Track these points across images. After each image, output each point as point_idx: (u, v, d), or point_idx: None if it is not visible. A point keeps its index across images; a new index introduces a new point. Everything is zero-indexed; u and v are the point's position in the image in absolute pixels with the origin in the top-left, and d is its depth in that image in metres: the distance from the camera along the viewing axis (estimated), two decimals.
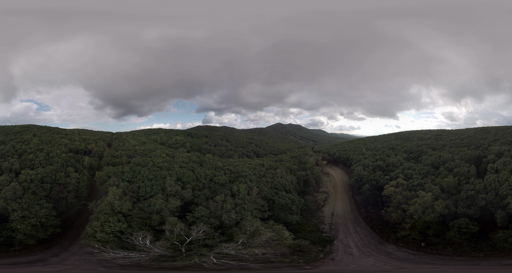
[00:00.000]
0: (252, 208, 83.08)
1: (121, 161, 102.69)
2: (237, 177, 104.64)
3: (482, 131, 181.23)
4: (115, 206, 63.38)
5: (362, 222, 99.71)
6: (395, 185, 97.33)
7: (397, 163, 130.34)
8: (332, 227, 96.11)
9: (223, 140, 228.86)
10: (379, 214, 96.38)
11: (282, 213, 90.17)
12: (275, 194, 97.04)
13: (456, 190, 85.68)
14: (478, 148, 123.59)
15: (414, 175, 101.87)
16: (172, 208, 69.79)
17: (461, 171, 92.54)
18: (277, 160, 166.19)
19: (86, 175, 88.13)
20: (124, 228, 56.98)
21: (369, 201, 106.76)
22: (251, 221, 71.16)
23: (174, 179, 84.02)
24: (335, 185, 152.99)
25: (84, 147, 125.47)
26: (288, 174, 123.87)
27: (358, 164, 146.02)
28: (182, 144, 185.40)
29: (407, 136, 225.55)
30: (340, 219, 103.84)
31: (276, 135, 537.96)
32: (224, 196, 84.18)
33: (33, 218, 59.24)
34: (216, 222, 72.30)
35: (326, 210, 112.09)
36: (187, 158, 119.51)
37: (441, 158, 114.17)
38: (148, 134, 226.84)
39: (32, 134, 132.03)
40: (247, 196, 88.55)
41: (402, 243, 79.23)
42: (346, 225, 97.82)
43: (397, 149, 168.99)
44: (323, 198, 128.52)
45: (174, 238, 56.10)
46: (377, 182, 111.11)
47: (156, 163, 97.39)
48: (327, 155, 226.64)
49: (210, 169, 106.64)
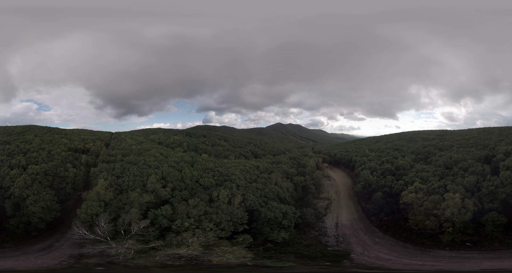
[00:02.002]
0: (224, 219, 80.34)
1: (116, 159, 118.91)
2: (225, 181, 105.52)
3: (485, 132, 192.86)
4: (101, 195, 79.53)
5: (378, 232, 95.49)
6: (413, 190, 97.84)
7: (407, 166, 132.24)
8: (339, 239, 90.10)
9: (221, 140, 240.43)
10: (396, 221, 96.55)
11: (267, 227, 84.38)
12: (264, 204, 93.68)
13: (476, 187, 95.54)
14: (486, 148, 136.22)
15: (430, 178, 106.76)
16: (141, 202, 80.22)
17: (477, 170, 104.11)
18: (274, 161, 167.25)
19: (83, 171, 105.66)
20: (100, 212, 72.65)
21: (383, 209, 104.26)
22: (197, 233, 72.49)
23: (158, 177, 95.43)
24: (338, 189, 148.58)
25: (83, 146, 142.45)
26: (283, 180, 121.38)
27: (364, 168, 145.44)
28: (179, 144, 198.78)
29: (410, 137, 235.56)
30: (348, 229, 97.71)
31: (276, 135, 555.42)
32: (199, 201, 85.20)
33: (42, 201, 77.55)
34: (166, 224, 74.78)
35: (329, 220, 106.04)
36: (180, 158, 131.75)
37: (452, 159, 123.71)
38: (147, 134, 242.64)
39: (34, 135, 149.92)
40: (224, 205, 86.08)
41: (448, 246, 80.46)
42: (359, 236, 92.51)
43: (402, 150, 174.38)
44: (325, 206, 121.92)
45: (122, 227, 69.22)
46: (390, 188, 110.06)
47: (147, 161, 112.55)
48: (328, 157, 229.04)
49: (199, 170, 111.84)
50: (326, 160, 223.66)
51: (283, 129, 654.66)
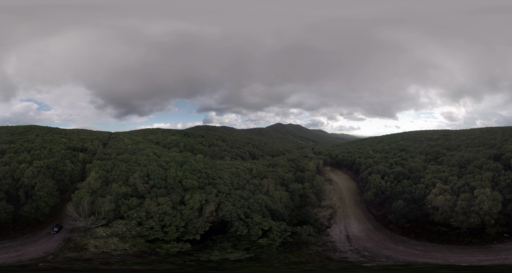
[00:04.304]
0: (177, 223, 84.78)
1: (110, 157, 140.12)
2: (209, 184, 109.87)
3: (489, 132, 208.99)
4: (91, 185, 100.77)
5: (409, 240, 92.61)
6: (438, 192, 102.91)
7: (419, 167, 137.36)
8: (364, 253, 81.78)
9: (219, 141, 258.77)
10: (422, 226, 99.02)
11: (229, 243, 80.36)
12: (244, 216, 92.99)
13: (493, 182, 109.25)
14: (493, 147, 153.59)
15: (450, 178, 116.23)
16: (119, 192, 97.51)
17: (491, 167, 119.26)
18: (271, 164, 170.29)
19: (79, 166, 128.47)
20: (86, 196, 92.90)
21: (407, 217, 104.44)
22: (130, 225, 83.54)
23: (142, 174, 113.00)
24: (341, 195, 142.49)
25: (81, 145, 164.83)
26: (277, 187, 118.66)
27: (371, 171, 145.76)
28: (176, 144, 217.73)
29: (413, 137, 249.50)
30: (368, 242, 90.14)
31: (276, 135, 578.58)
32: (168, 200, 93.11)
33: (46, 188, 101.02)
34: (124, 211, 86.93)
35: (336, 232, 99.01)
36: (171, 158, 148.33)
37: (464, 158, 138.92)
38: (145, 134, 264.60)
39: (35, 134, 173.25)
40: (187, 210, 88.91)
41: (495, 240, 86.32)
42: (389, 247, 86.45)
43: (409, 151, 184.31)
44: (328, 216, 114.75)
45: (97, 209, 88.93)
46: (411, 194, 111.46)
47: (138, 160, 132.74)
48: (329, 158, 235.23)
49: (186, 171, 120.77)
50: (327, 161, 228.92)
51: (283, 129, 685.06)
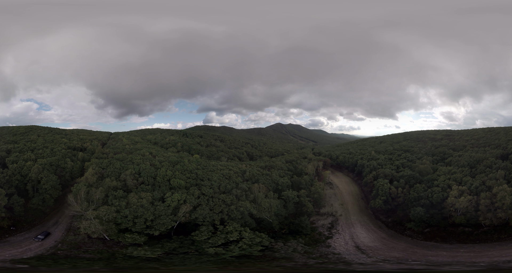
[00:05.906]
0: (146, 217, 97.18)
1: (107, 156, 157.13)
2: (195, 185, 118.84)
3: (492, 132, 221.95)
4: (88, 179, 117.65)
5: (441, 245, 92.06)
6: (456, 194, 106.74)
7: (429, 170, 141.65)
8: (401, 262, 77.57)
9: (217, 141, 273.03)
10: (445, 229, 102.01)
11: (175, 245, 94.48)
12: (218, 222, 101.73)
13: (506, 180, 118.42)
14: (499, 147, 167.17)
15: (464, 178, 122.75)
16: (110, 186, 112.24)
17: (501, 166, 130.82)
18: (267, 166, 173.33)
19: (79, 164, 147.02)
20: (81, 189, 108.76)
21: (429, 222, 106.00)
22: (105, 211, 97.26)
23: (134, 172, 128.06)
24: (343, 201, 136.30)
25: (81, 145, 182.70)
26: (268, 193, 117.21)
27: (377, 175, 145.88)
28: (173, 144, 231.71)
29: (416, 137, 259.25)
30: (394, 251, 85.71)
31: (276, 135, 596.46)
32: (149, 195, 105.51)
33: (50, 181, 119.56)
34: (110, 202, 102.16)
35: (340, 243, 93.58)
36: (166, 158, 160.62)
37: (473, 158, 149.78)
38: (144, 134, 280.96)
39: (37, 135, 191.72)
40: (161, 207, 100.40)
41: None
42: (424, 254, 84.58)
43: (414, 152, 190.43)
44: (328, 225, 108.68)
45: (83, 200, 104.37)
46: (429, 199, 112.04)
47: (133, 159, 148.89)
48: (329, 159, 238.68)
49: (176, 171, 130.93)
50: (327, 163, 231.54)
51: (283, 129, 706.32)
